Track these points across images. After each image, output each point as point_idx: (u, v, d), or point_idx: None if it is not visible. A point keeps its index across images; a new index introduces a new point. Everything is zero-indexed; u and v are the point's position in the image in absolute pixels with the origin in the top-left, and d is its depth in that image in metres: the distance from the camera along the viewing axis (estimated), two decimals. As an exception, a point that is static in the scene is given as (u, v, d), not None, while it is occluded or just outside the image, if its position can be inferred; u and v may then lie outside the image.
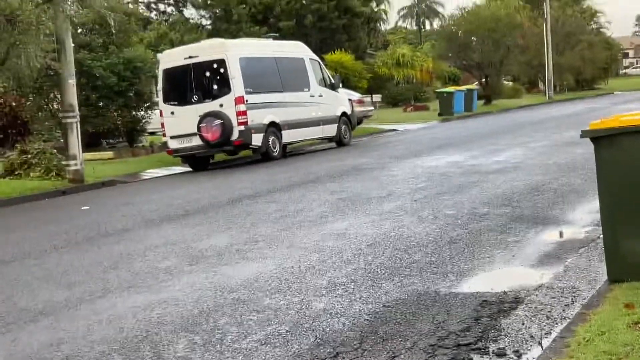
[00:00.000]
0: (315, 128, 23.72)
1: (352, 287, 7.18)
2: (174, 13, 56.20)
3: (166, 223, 12.30)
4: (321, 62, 25.82)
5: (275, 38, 26.98)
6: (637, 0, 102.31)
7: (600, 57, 64.79)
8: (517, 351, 5.31)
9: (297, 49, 24.78)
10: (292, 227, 10.59)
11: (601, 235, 6.81)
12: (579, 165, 14.51)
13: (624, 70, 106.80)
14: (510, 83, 59.62)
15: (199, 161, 22.26)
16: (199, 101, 21.26)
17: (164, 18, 55.26)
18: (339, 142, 24.89)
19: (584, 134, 6.30)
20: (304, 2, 50.30)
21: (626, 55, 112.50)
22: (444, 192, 12.74)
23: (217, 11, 51.84)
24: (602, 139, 6.22)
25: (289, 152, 23.63)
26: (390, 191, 13.34)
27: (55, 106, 25.89)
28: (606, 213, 6.34)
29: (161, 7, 56.64)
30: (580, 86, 62.92)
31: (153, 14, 55.86)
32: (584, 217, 9.67)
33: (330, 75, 25.64)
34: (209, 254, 9.29)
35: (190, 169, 22.20)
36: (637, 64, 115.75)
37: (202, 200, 14.92)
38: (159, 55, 23.30)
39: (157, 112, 23.58)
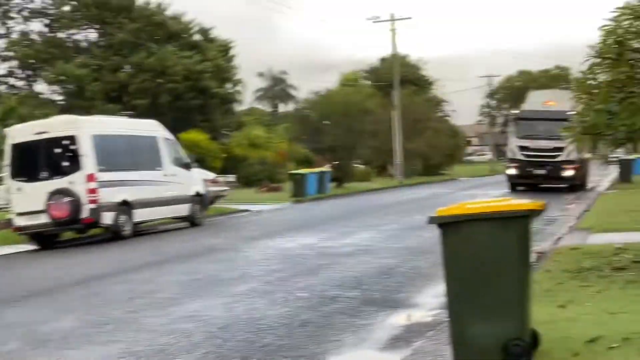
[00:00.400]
0: (168, 207, 23.48)
1: (203, 371, 7.07)
2: (24, 87, 54.92)
3: (8, 305, 11.80)
4: (176, 141, 25.72)
5: (129, 116, 26.74)
6: (480, 92, 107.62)
7: (446, 144, 67.43)
8: None
9: (151, 128, 24.62)
10: (141, 309, 10.38)
11: (448, 319, 7.00)
12: (427, 249, 14.91)
13: (468, 157, 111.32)
14: (362, 166, 61.00)
15: (47, 239, 21.56)
16: (48, 178, 20.71)
17: (13, 92, 53.89)
18: (192, 221, 24.69)
19: (431, 221, 6.51)
20: (159, 81, 50.22)
21: (470, 143, 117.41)
22: (296, 274, 12.81)
23: (70, 87, 51.02)
24: (448, 226, 6.44)
25: (140, 231, 23.25)
26: (242, 273, 13.30)
27: None
28: (452, 297, 6.54)
29: (11, 80, 55.28)
30: (428, 171, 65.01)
31: (2, 87, 54.41)
32: (431, 300, 9.93)
33: (184, 155, 25.55)
34: (53, 338, 8.97)
35: (36, 248, 21.45)
36: (480, 151, 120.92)
37: (48, 280, 14.42)
38: (7, 129, 22.62)
39: (3, 187, 22.77)
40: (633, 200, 24.38)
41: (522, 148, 35.11)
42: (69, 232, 22.08)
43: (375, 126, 56.87)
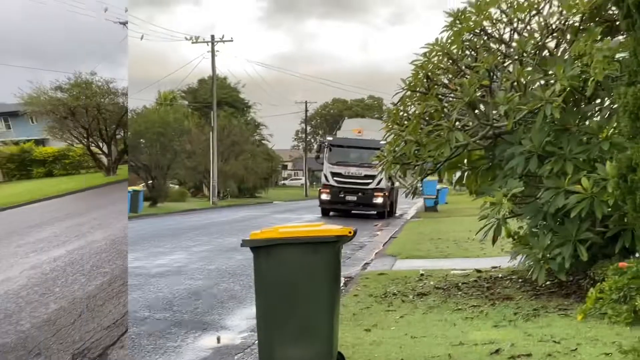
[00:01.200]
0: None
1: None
2: None
3: None
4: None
5: None
6: (296, 117, 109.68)
7: (262, 167, 67.99)
8: None
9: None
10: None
11: (257, 341, 7.05)
12: (239, 271, 14.98)
13: (283, 181, 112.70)
14: (177, 186, 60.43)
15: None
16: None
17: None
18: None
19: (244, 244, 6.54)
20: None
21: (285, 167, 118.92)
22: (104, 294, 12.50)
23: None
24: (260, 249, 6.50)
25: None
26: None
27: None
28: (262, 320, 6.59)
29: None
30: (242, 194, 65.24)
31: None
32: (241, 322, 9.96)
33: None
34: None
35: None
36: (295, 175, 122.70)
37: None
38: None
39: None
40: (437, 228, 25.47)
41: (335, 174, 35.94)
42: None
43: (191, 146, 56.63)
